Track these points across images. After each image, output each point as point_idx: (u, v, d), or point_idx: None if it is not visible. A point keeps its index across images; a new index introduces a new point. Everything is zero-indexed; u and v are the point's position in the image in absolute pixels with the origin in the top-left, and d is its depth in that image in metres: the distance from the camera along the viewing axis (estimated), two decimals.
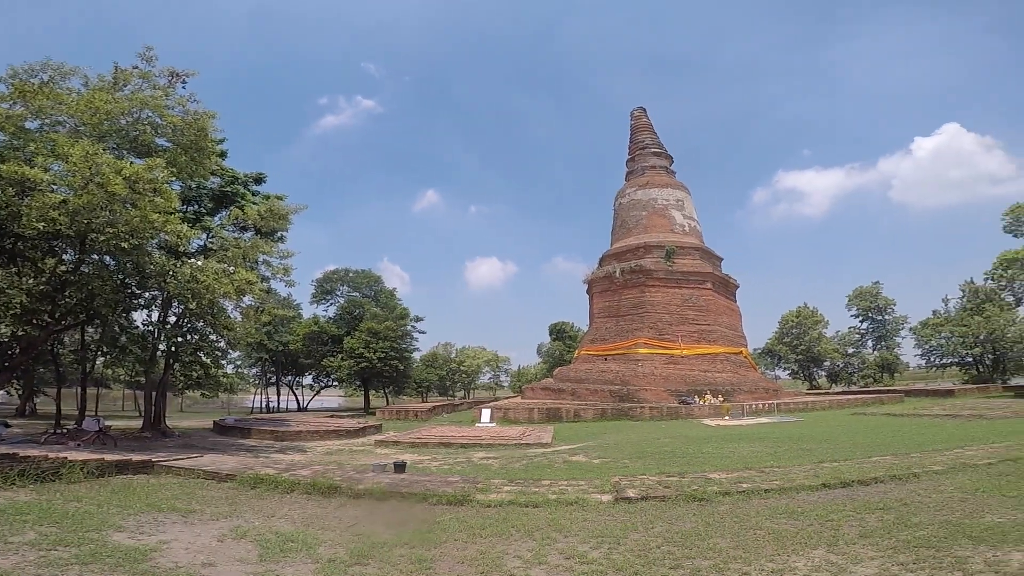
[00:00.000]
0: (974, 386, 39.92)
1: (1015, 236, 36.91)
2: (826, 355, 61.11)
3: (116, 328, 21.65)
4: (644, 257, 40.53)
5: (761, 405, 30.66)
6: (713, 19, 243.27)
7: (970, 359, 47.27)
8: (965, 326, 45.38)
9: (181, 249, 18.05)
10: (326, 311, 54.87)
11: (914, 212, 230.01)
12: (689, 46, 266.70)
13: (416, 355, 60.10)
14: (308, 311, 56.77)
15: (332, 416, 36.88)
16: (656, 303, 38.95)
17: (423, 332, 57.93)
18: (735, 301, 44.41)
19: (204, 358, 25.34)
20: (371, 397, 56.30)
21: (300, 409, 56.82)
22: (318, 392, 62.32)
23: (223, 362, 29.34)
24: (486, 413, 28.35)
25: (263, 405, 58.99)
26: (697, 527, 6.95)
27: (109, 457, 12.49)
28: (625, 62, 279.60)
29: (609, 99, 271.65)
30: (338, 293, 54.97)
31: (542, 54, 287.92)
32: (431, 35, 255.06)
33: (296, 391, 62.21)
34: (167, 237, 16.24)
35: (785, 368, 63.87)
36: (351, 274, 54.98)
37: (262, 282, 20.92)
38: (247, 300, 19.65)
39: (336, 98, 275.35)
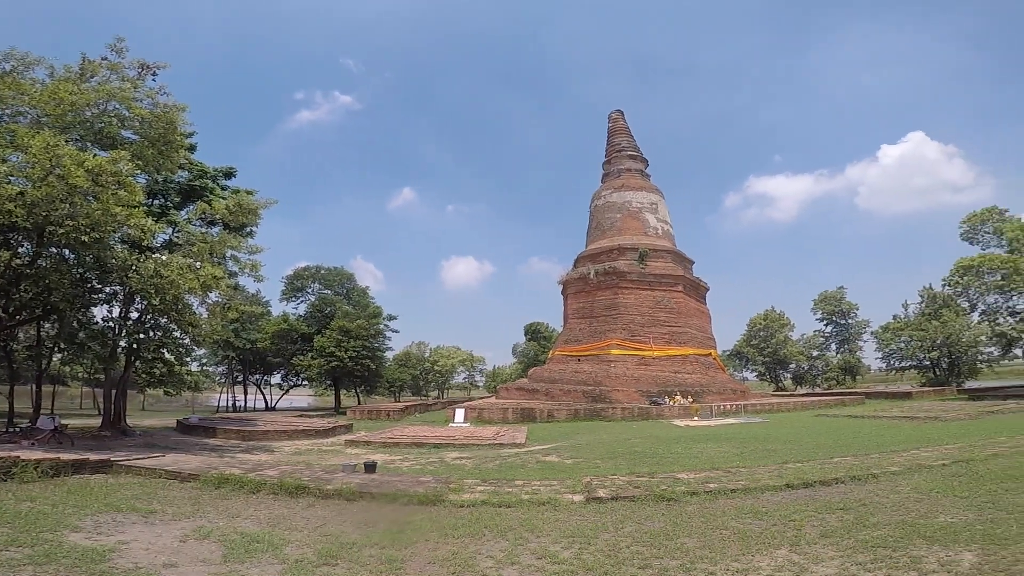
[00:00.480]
0: (931, 389, 41.55)
1: (971, 244, 38.68)
2: (792, 357, 62.79)
3: (74, 324, 20.91)
4: (618, 259, 40.98)
5: (729, 406, 31.33)
6: (695, 24, 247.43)
7: (927, 362, 49.17)
8: (923, 330, 47.21)
9: (145, 243, 17.55)
10: (296, 309, 53.92)
11: (879, 219, 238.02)
12: (670, 50, 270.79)
13: (389, 354, 59.53)
14: (278, 308, 55.64)
15: (301, 416, 36.28)
16: (629, 305, 39.42)
17: (396, 331, 57.38)
18: (705, 304, 45.26)
19: (167, 355, 24.66)
20: (342, 397, 55.47)
21: (268, 408, 55.72)
22: (287, 391, 61.20)
23: (187, 359, 28.58)
24: (460, 413, 28.26)
25: (229, 404, 57.62)
26: (666, 527, 7.05)
27: (65, 456, 12.08)
28: (606, 65, 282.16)
29: (588, 101, 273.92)
30: (309, 290, 53.98)
31: (524, 54, 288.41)
32: (413, 32, 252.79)
33: (264, 390, 60.94)
34: (130, 231, 15.80)
35: (752, 370, 65.38)
36: (323, 271, 54.06)
37: (229, 278, 20.51)
38: (213, 296, 19.27)
39: (313, 93, 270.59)
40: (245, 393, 59.46)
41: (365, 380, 50.55)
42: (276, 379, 60.84)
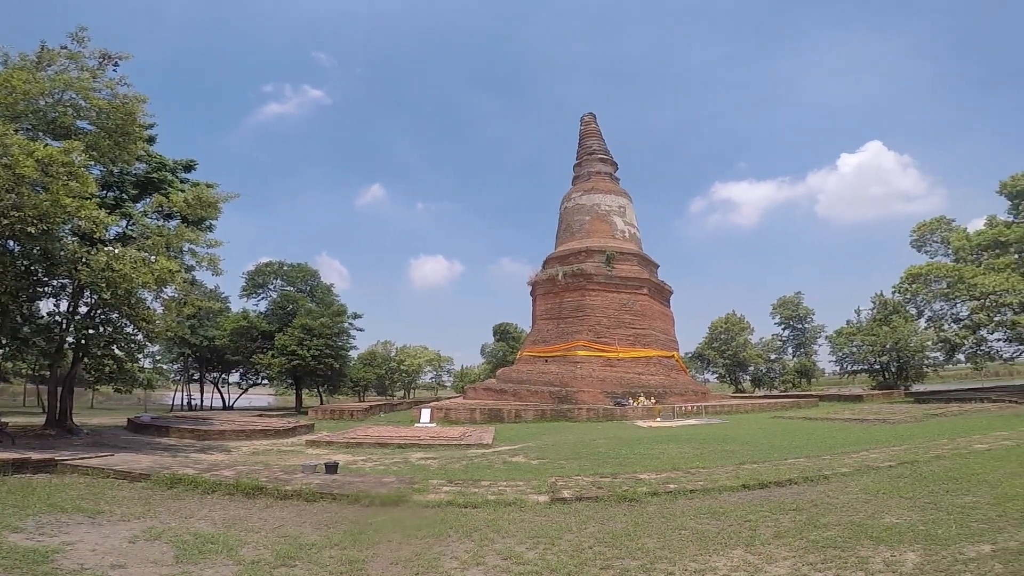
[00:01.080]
0: (880, 392, 43.41)
1: (920, 252, 40.63)
2: (751, 360, 64.67)
3: (18, 318, 19.87)
4: (586, 261, 41.42)
5: (690, 407, 32.05)
6: (669, 30, 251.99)
7: (878, 366, 51.40)
8: (874, 335, 49.33)
9: (97, 236, 16.84)
10: (257, 305, 52.42)
11: (836, 226, 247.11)
12: (644, 55, 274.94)
13: (353, 353, 58.54)
14: (238, 305, 53.99)
15: (261, 415, 35.35)
16: (595, 307, 39.88)
17: (361, 330, 56.46)
18: (669, 307, 46.20)
19: (118, 351, 23.68)
20: (304, 396, 54.29)
21: (226, 408, 54.06)
22: (246, 390, 59.54)
23: (139, 356, 27.50)
24: (426, 413, 28.04)
25: (185, 403, 55.68)
26: (627, 527, 7.16)
27: (4, 455, 11.50)
28: (581, 67, 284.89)
29: (562, 103, 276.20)
30: (271, 287, 52.57)
31: (499, 54, 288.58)
32: (387, 27, 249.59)
33: (222, 389, 59.11)
34: (82, 223, 15.22)
35: (713, 372, 67.04)
36: (286, 267, 52.72)
37: (186, 272, 19.88)
38: (169, 291, 18.67)
39: (282, 86, 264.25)
40: (201, 392, 57.52)
41: (328, 379, 49.60)
42: (235, 378, 59.13)
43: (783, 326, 67.83)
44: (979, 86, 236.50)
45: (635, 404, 32.44)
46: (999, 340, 34.57)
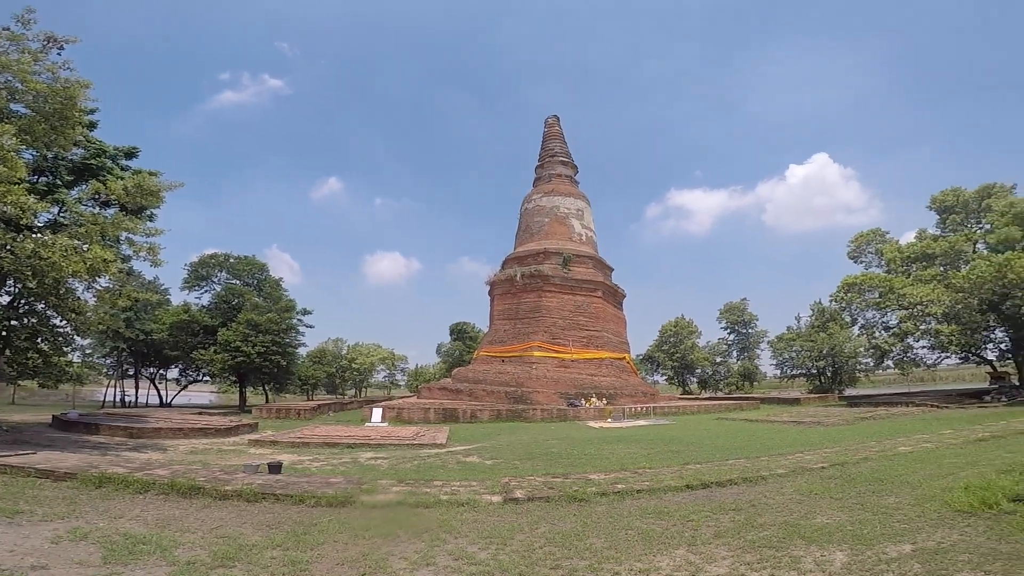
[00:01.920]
0: (816, 395, 45.67)
1: (856, 263, 43.03)
2: (698, 363, 66.82)
3: None
4: (543, 263, 41.76)
5: (639, 408, 32.82)
6: (635, 38, 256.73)
7: (815, 371, 54.11)
8: (812, 341, 51.95)
9: (24, 222, 15.78)
10: (199, 299, 50.17)
11: (781, 235, 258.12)
12: (609, 61, 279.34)
13: (302, 351, 56.84)
14: (179, 297, 51.59)
15: (201, 413, 33.88)
16: (551, 308, 40.27)
17: (311, 326, 54.99)
18: (622, 309, 47.17)
19: (43, 345, 22.15)
20: (248, 394, 52.30)
21: (163, 405, 51.45)
22: (185, 387, 56.89)
23: (67, 350, 25.83)
24: (377, 412, 27.54)
25: (118, 399, 52.64)
26: (576, 527, 7.24)
27: None
28: (547, 69, 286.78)
29: (528, 104, 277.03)
30: (215, 279, 50.34)
31: (468, 52, 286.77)
32: (355, 20, 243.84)
33: (159, 385, 56.25)
34: (7, 208, 14.27)
35: (662, 374, 68.85)
36: (232, 260, 50.58)
37: (122, 262, 18.88)
38: (102, 281, 17.68)
39: (240, 74, 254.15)
40: (136, 388, 54.55)
41: (274, 377, 47.94)
42: (173, 374, 56.37)
43: (729, 331, 70.45)
44: (920, 103, 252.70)
45: (587, 405, 32.95)
46: (924, 347, 36.91)
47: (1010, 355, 35.32)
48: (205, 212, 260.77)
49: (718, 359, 69.27)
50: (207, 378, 53.15)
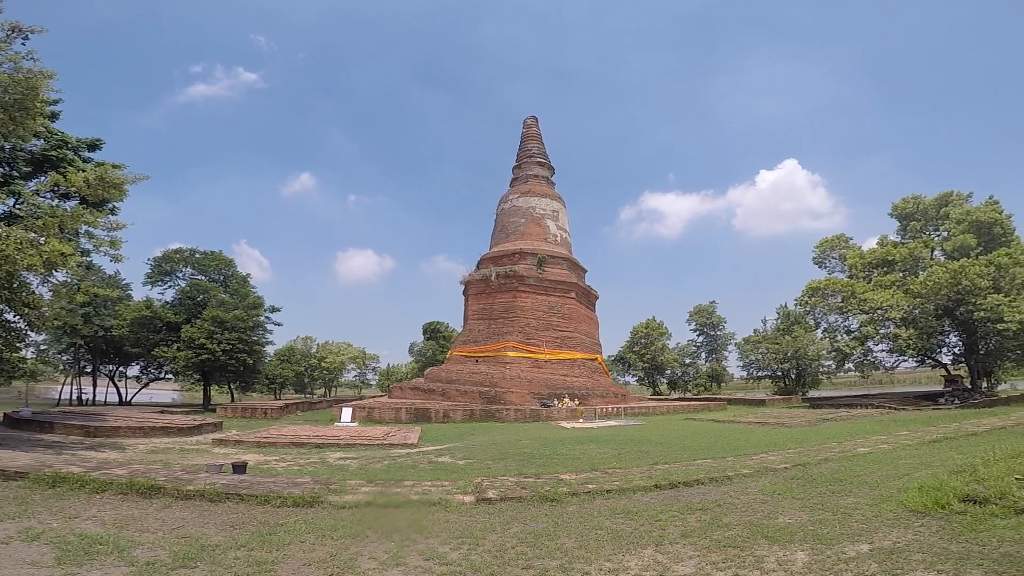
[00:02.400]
0: (780, 397, 46.92)
1: (820, 268, 44.20)
2: (668, 364, 67.88)
3: None
4: (519, 263, 41.84)
5: (611, 409, 33.18)
6: (613, 40, 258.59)
7: (780, 373, 55.59)
8: (777, 344, 53.37)
9: None
10: (163, 294, 48.70)
11: (750, 239, 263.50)
12: (588, 62, 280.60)
13: (270, 349, 55.70)
14: (141, 293, 49.90)
15: (162, 412, 32.83)
16: (526, 308, 40.37)
17: (279, 324, 53.63)
18: (594, 311, 47.60)
19: None
20: (213, 393, 50.98)
21: (122, 403, 49.72)
22: (146, 385, 55.10)
23: (20, 345, 24.76)
24: (347, 412, 27.14)
25: (75, 397, 50.66)
26: (548, 527, 7.26)
27: None
28: (526, 70, 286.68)
29: (506, 104, 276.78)
30: (180, 275, 48.88)
31: (448, 51, 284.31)
32: (335, 15, 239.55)
33: (118, 383, 54.35)
34: None
35: (633, 375, 69.74)
36: (198, 255, 49.18)
37: (81, 256, 18.24)
38: (60, 275, 16.99)
39: (213, 67, 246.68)
40: (94, 386, 52.52)
41: (240, 376, 46.80)
42: (134, 371, 54.54)
43: (698, 332, 71.81)
44: (885, 110, 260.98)
45: (560, 405, 33.14)
46: (883, 351, 38.24)
47: (963, 359, 36.80)
48: (172, 206, 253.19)
49: (687, 360, 70.52)
50: (169, 376, 51.62)
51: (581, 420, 28.70)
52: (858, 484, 9.41)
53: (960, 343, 36.34)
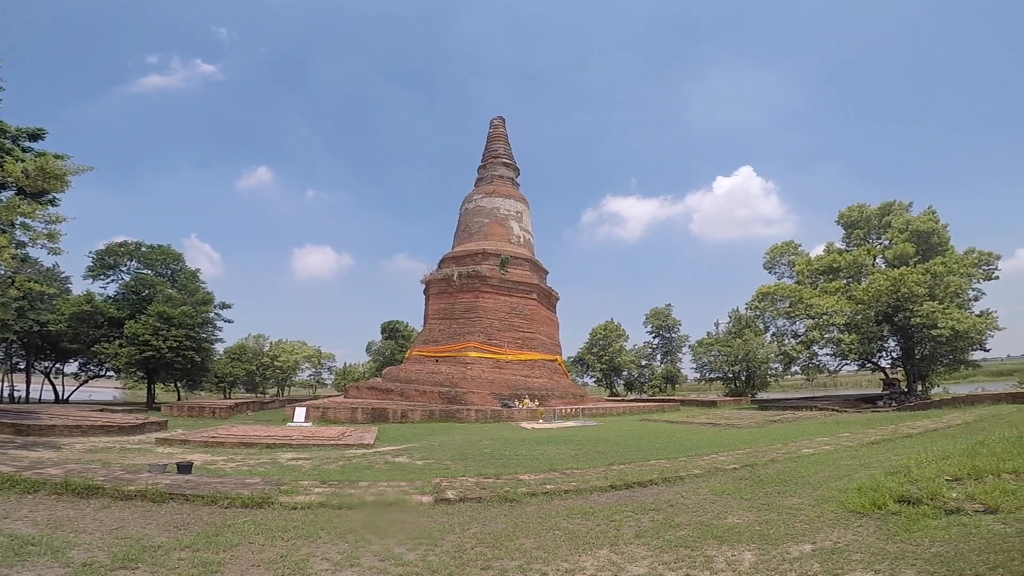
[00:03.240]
0: (731, 398, 48.51)
1: (770, 273, 45.76)
2: (625, 366, 69.06)
3: None
4: (481, 263, 41.74)
5: (570, 409, 33.51)
6: (583, 44, 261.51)
7: (731, 375, 57.42)
8: (729, 347, 55.11)
9: None
10: (105, 288, 46.21)
11: (706, 244, 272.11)
12: (557, 66, 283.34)
13: (219, 346, 53.67)
14: (81, 287, 47.25)
15: (103, 410, 31.15)
16: (488, 309, 40.32)
17: (230, 321, 51.68)
18: (555, 312, 48.01)
19: None
20: (158, 391, 48.76)
21: (59, 401, 46.96)
22: (85, 382, 52.19)
23: None
24: (300, 412, 26.42)
25: (5, 394, 47.48)
26: (507, 528, 7.27)
27: None
28: (495, 70, 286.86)
29: (473, 104, 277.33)
30: (124, 269, 46.51)
31: (415, 48, 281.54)
32: (301, 7, 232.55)
33: (55, 380, 51.26)
34: None
35: (591, 376, 70.59)
36: (143, 248, 46.91)
37: (16, 248, 17.19)
38: None
39: (170, 57, 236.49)
40: (28, 383, 49.38)
41: (187, 374, 44.88)
42: (72, 368, 51.62)
43: (654, 335, 73.23)
44: (838, 120, 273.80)
45: (521, 406, 33.24)
46: (827, 355, 39.78)
47: (900, 363, 38.81)
48: (119, 199, 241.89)
49: (643, 362, 71.87)
50: (111, 373, 49.10)
51: (541, 421, 28.86)
52: (802, 485, 9.66)
53: (898, 348, 38.23)
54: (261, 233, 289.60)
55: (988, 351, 36.77)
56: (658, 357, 73.59)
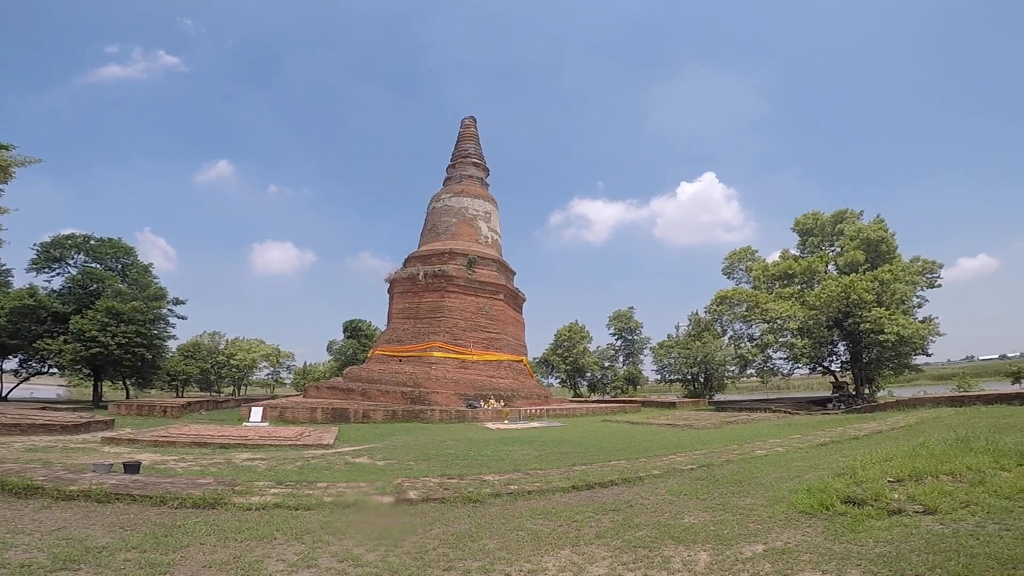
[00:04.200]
0: (690, 400, 49.58)
1: (728, 278, 47.03)
2: (588, 367, 69.84)
3: None
4: (448, 263, 41.49)
5: (534, 410, 33.65)
6: (557, 47, 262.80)
7: (690, 376, 58.81)
8: (688, 349, 56.42)
9: None
10: (49, 282, 43.83)
11: (669, 248, 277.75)
12: (530, 67, 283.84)
13: (172, 343, 51.64)
14: (24, 280, 44.72)
15: (44, 408, 29.55)
16: (454, 309, 40.10)
17: (183, 317, 49.82)
18: (521, 313, 48.14)
19: None
20: (106, 389, 46.53)
21: None
22: (25, 379, 49.34)
23: None
24: (256, 412, 25.64)
25: None
26: (471, 528, 7.24)
27: None
28: (468, 70, 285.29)
29: (444, 102, 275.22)
30: (71, 262, 44.23)
31: (387, 45, 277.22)
32: (275, 1, 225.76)
33: None
34: None
35: (556, 377, 71.15)
36: (92, 241, 44.71)
37: None
38: None
39: (131, 48, 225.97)
40: None
41: (137, 371, 43.04)
42: (12, 364, 48.76)
43: (616, 337, 74.30)
44: (798, 129, 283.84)
45: (486, 406, 33.19)
46: (781, 358, 41.18)
47: (849, 367, 40.50)
48: (69, 191, 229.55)
49: (606, 363, 72.84)
50: (54, 370, 46.68)
51: (506, 421, 28.89)
52: (755, 485, 9.88)
53: (847, 352, 39.88)
54: (220, 228, 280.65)
55: (930, 356, 38.80)
56: (620, 359, 74.71)
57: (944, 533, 6.05)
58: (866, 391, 39.23)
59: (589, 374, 71.08)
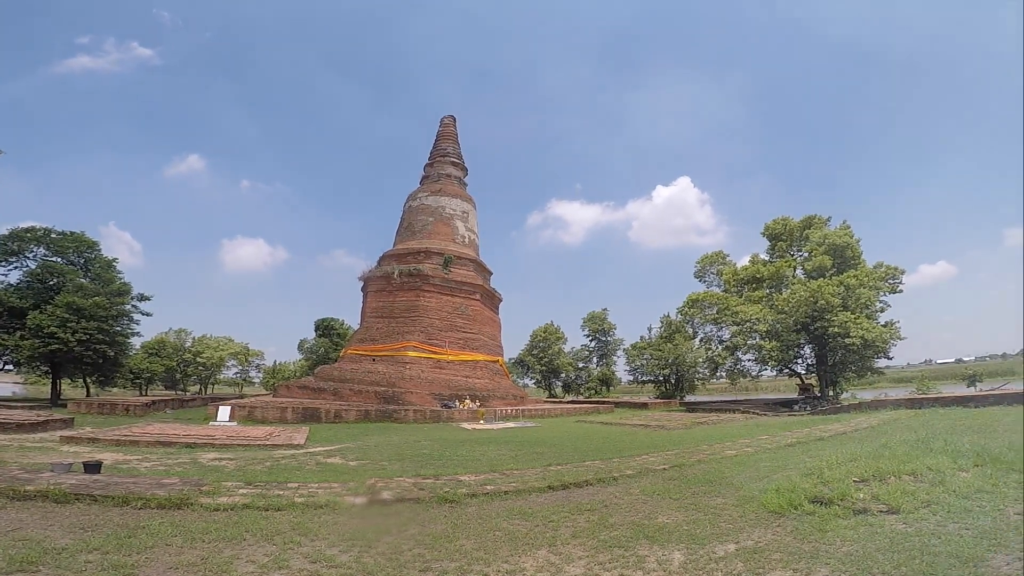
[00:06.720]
0: (662, 401, 50.21)
1: (700, 281, 47.82)
2: (563, 368, 70.15)
3: None
4: (424, 262, 41.19)
5: (510, 410, 33.67)
6: (538, 48, 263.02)
7: (661, 378, 59.54)
8: (660, 351, 57.08)
9: None
10: (6, 276, 42.03)
11: (643, 251, 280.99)
12: (510, 68, 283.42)
13: (136, 340, 50.02)
14: None
15: None
16: (430, 308, 39.83)
17: (148, 314, 48.25)
18: (498, 313, 48.11)
19: None
20: (66, 387, 44.81)
21: None
22: None
23: None
24: (224, 411, 25.06)
25: None
26: (447, 529, 7.19)
27: None
28: (448, 69, 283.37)
29: (423, 101, 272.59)
30: (29, 256, 42.52)
31: (369, 43, 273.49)
32: None
33: None
34: None
35: (531, 377, 71.27)
36: (53, 235, 43.05)
37: None
38: None
39: (103, 39, 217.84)
40: None
41: (99, 369, 41.58)
42: None
43: (590, 338, 74.73)
44: (771, 136, 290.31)
45: (462, 407, 33.05)
46: (750, 360, 42.09)
47: (814, 369, 41.59)
48: (30, 183, 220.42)
49: (581, 364, 73.24)
50: (11, 367, 44.82)
51: (482, 422, 28.82)
52: (726, 485, 10.03)
53: (812, 355, 40.92)
54: (189, 223, 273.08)
55: (891, 359, 40.08)
56: (594, 360, 75.20)
57: (908, 532, 6.24)
58: (831, 393, 40.29)
59: (564, 375, 71.36)
